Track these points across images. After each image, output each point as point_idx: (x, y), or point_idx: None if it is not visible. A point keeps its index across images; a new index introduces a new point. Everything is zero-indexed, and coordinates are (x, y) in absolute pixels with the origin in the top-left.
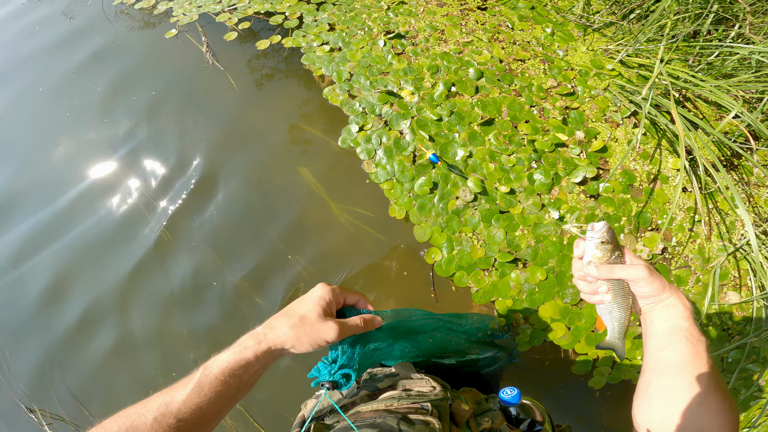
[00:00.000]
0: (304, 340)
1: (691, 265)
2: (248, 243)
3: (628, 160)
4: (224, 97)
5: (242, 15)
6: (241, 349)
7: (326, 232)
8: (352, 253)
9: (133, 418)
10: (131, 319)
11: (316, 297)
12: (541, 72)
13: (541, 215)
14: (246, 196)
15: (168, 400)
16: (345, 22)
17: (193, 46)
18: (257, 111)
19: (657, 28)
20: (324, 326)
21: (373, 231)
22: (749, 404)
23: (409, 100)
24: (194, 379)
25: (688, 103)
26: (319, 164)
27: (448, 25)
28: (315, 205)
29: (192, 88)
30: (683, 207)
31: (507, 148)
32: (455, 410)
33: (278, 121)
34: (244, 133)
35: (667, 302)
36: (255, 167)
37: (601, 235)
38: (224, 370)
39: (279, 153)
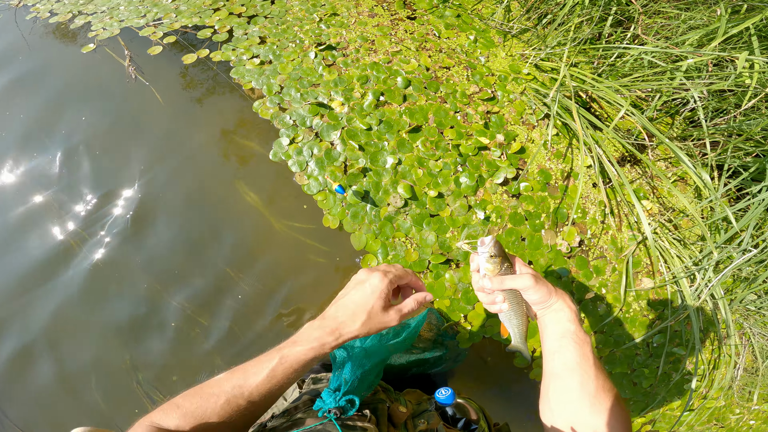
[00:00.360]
0: (372, 331)
1: (607, 256)
2: (189, 263)
3: (544, 159)
4: (151, 113)
5: (168, 29)
6: (319, 345)
7: (267, 247)
8: (295, 266)
9: (206, 397)
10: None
11: (378, 290)
12: (464, 78)
13: (468, 216)
14: (182, 215)
15: (241, 382)
16: (276, 35)
17: (114, 60)
18: (187, 126)
19: (563, 32)
20: (388, 317)
21: (314, 242)
22: (682, 387)
23: (339, 111)
24: (269, 367)
25: (594, 103)
26: (255, 178)
27: (379, 36)
28: (254, 220)
29: (116, 105)
30: (595, 201)
31: (434, 153)
32: (393, 412)
33: (210, 136)
34: (176, 150)
35: (555, 307)
36: (189, 185)
37: (489, 249)
38: (300, 362)
39: (213, 169)
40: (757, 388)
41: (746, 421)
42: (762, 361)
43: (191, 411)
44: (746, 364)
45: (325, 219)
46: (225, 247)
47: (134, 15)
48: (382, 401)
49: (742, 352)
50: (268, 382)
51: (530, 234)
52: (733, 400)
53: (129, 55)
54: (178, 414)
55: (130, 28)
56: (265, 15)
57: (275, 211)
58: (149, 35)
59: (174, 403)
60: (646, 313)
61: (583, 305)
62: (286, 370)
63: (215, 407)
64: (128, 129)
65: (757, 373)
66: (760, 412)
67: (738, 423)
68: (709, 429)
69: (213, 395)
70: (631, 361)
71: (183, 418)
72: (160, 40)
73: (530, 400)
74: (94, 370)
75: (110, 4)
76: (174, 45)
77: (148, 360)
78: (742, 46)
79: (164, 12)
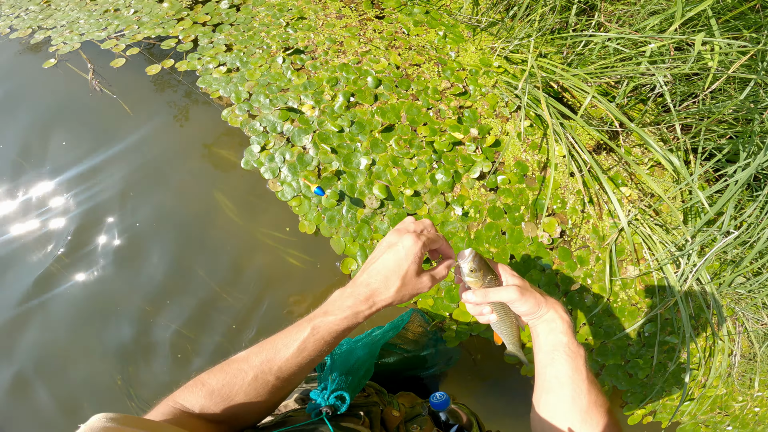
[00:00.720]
0: (406, 297)
1: (589, 245)
2: (171, 280)
3: (519, 151)
4: (120, 126)
5: (131, 41)
6: (353, 314)
7: (248, 257)
8: (277, 275)
9: (233, 373)
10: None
11: (412, 254)
12: (435, 75)
13: (446, 213)
14: (161, 231)
15: (271, 356)
16: (243, 42)
17: (76, 75)
18: (159, 139)
19: (530, 23)
20: (421, 282)
21: (294, 249)
22: (680, 377)
23: (310, 115)
24: (300, 338)
25: (566, 93)
26: (230, 188)
27: (347, 37)
28: (232, 231)
29: (83, 118)
30: (573, 191)
31: (408, 151)
32: (386, 416)
33: (182, 148)
34: (149, 163)
35: (546, 317)
36: (167, 199)
37: (468, 264)
38: (333, 333)
39: (188, 180)
40: (757, 374)
41: (751, 408)
42: (759, 346)
43: (218, 389)
44: (743, 350)
45: (301, 225)
46: (206, 259)
47: (95, 28)
48: (376, 404)
49: (737, 339)
50: (298, 354)
51: (510, 227)
52: (734, 388)
53: (92, 68)
54: (204, 392)
55: (92, 42)
56: (231, 22)
57: (252, 220)
58: (111, 48)
59: (200, 380)
60: (634, 301)
61: (569, 297)
62: (317, 342)
63: (243, 384)
64: (98, 143)
65: (756, 358)
66: (764, 398)
67: (743, 410)
68: (713, 418)
69: (241, 371)
70: (624, 352)
71: (209, 397)
72: (123, 52)
73: (522, 396)
74: (86, 391)
75: (70, 18)
76: (138, 57)
77: (141, 379)
78: (702, 29)
79: (126, 24)
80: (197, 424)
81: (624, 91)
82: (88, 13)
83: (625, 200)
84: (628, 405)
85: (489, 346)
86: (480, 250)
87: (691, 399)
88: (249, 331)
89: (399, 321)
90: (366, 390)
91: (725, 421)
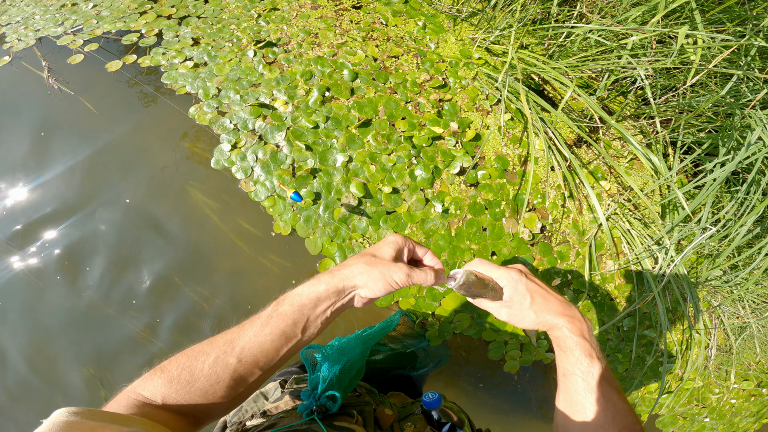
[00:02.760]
0: (376, 277)
1: (570, 240)
2: (147, 285)
3: (500, 145)
4: (83, 124)
5: (89, 36)
6: (314, 281)
7: (225, 261)
8: (255, 278)
9: (194, 356)
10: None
11: (390, 240)
12: (414, 67)
13: (426, 210)
14: (132, 233)
15: (234, 337)
16: (211, 35)
17: (31, 73)
18: (122, 137)
19: (511, 14)
20: (395, 266)
21: (270, 252)
22: (658, 370)
23: (283, 111)
24: (264, 315)
25: (547, 85)
26: (201, 189)
27: (322, 28)
28: (206, 232)
29: (41, 118)
30: (554, 185)
31: (386, 147)
32: (379, 415)
33: (148, 147)
34: (115, 163)
35: (555, 333)
36: (138, 199)
37: (457, 285)
38: (295, 306)
39: (157, 181)
40: (733, 366)
41: (727, 400)
42: (734, 339)
43: (177, 375)
44: (719, 342)
45: (276, 226)
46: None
47: (51, 24)
48: (368, 403)
49: (713, 332)
50: (260, 331)
51: (491, 224)
52: (711, 380)
53: (47, 66)
54: (164, 379)
55: (48, 38)
56: (198, 15)
57: (225, 221)
58: (68, 44)
59: (161, 367)
60: (614, 296)
61: None
62: (280, 316)
63: (203, 367)
64: (61, 142)
65: (732, 351)
66: (740, 390)
67: (719, 402)
68: (691, 410)
69: (202, 353)
70: (603, 347)
71: (168, 384)
72: (81, 48)
73: (506, 394)
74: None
75: (24, 14)
76: (98, 53)
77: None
78: (685, 21)
79: (84, 19)
80: (163, 416)
81: (605, 85)
82: (44, 8)
83: (605, 194)
84: None
85: (472, 343)
86: (461, 248)
87: (669, 392)
88: None
89: (389, 321)
90: (357, 390)
91: (702, 413)
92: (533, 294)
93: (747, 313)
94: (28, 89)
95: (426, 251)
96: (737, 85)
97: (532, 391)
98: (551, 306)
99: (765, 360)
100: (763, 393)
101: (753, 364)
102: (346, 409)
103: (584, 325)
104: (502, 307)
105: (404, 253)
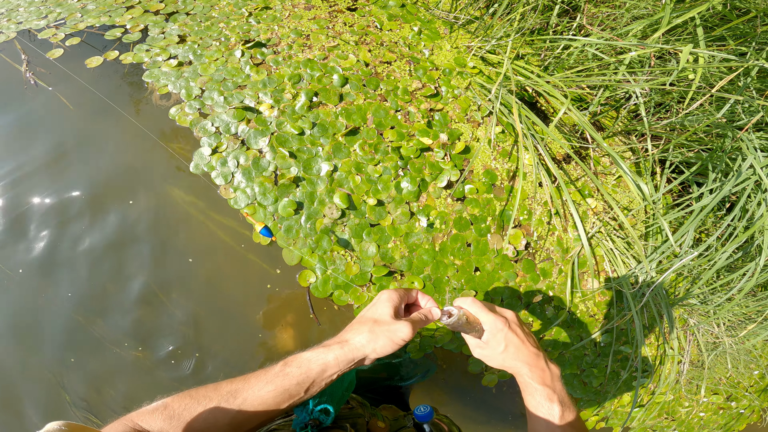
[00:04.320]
0: (382, 342)
1: (553, 257)
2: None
3: (489, 159)
4: (61, 121)
5: (72, 30)
6: (324, 350)
7: (200, 267)
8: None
9: (198, 399)
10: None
11: (384, 300)
12: (406, 74)
13: (411, 224)
14: (108, 235)
15: (238, 388)
16: (198, 33)
17: (10, 66)
18: (99, 136)
19: (509, 23)
20: (397, 325)
21: (252, 258)
22: (631, 384)
23: (268, 115)
24: (270, 373)
25: (540, 98)
26: (182, 192)
27: (315, 30)
28: (184, 238)
29: (17, 112)
30: (541, 201)
31: (373, 157)
32: (372, 428)
33: (129, 145)
34: (96, 159)
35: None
36: (114, 200)
37: (450, 323)
38: (302, 370)
39: (135, 181)
40: (704, 381)
41: (696, 413)
42: (707, 354)
43: (178, 413)
44: (692, 358)
45: (255, 235)
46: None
47: (34, 16)
48: (361, 416)
49: (686, 347)
50: (264, 387)
51: (476, 239)
52: (681, 394)
53: (26, 59)
54: (165, 415)
55: (29, 31)
56: (187, 11)
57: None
58: (49, 37)
59: (164, 403)
60: (593, 312)
61: (531, 309)
62: (286, 378)
63: (204, 411)
64: (35, 138)
65: (703, 366)
66: (709, 403)
67: (688, 415)
68: (660, 423)
69: (205, 398)
70: (580, 362)
71: (168, 421)
72: (62, 42)
73: (485, 406)
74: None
75: (9, 6)
76: (79, 47)
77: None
78: (687, 38)
79: (69, 12)
80: None
81: (598, 100)
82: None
83: (591, 212)
84: (582, 412)
85: (452, 356)
86: (444, 263)
87: (641, 405)
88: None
89: None
90: (350, 402)
91: (672, 425)
92: (508, 344)
93: (722, 331)
94: (4, 84)
95: (416, 292)
96: (733, 106)
97: (508, 405)
98: (521, 355)
99: (736, 374)
100: (731, 406)
101: (723, 378)
102: (339, 422)
103: (547, 373)
104: (477, 347)
105: (401, 308)
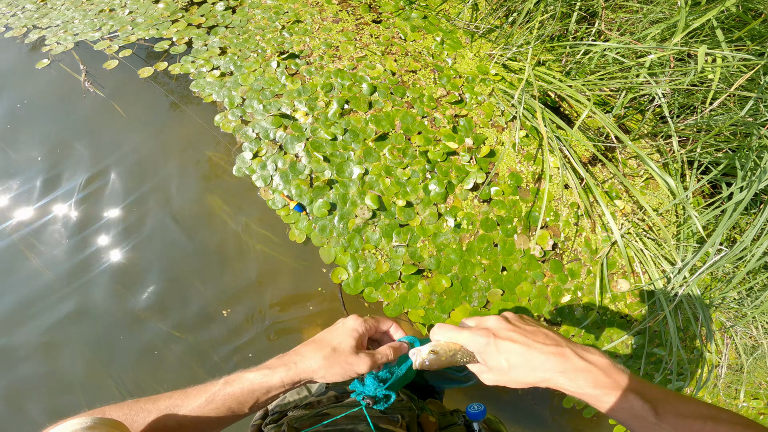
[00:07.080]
0: (335, 371)
1: (581, 258)
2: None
3: (514, 162)
4: (114, 128)
5: (124, 42)
6: (268, 372)
7: (243, 268)
8: (269, 282)
9: (136, 410)
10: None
11: (349, 329)
12: (431, 82)
13: (439, 225)
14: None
15: (177, 403)
16: (237, 45)
17: (69, 75)
18: (149, 141)
19: (529, 30)
20: (357, 359)
21: (286, 258)
22: (666, 388)
23: (303, 122)
24: (211, 391)
25: (563, 102)
26: (223, 195)
27: (343, 41)
28: (226, 240)
29: (75, 120)
30: (567, 203)
31: (402, 161)
32: (423, 421)
33: (176, 151)
34: (140, 166)
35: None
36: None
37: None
38: (245, 390)
39: (182, 186)
40: (743, 385)
41: None
42: (746, 358)
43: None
44: (730, 361)
45: (291, 233)
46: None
47: (89, 28)
48: (411, 409)
49: (724, 351)
50: (205, 405)
51: (503, 240)
52: (720, 398)
53: (84, 69)
54: None
55: (85, 42)
56: (226, 25)
57: (246, 229)
58: (104, 49)
59: (102, 410)
60: (624, 314)
61: (559, 310)
62: (227, 396)
63: (142, 423)
64: (90, 145)
65: (742, 370)
66: (749, 408)
67: None
68: None
69: (144, 410)
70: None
71: None
72: (116, 53)
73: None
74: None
75: (65, 18)
76: (131, 59)
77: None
78: (705, 39)
79: (120, 25)
80: None
81: (622, 103)
82: (84, 12)
83: (619, 213)
84: None
85: None
86: (471, 262)
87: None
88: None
89: None
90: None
91: None
92: (508, 355)
93: (760, 334)
94: (63, 92)
95: (390, 323)
96: (756, 105)
97: (540, 406)
98: (535, 363)
99: None
100: None
101: (764, 383)
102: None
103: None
104: (482, 373)
105: (365, 339)
